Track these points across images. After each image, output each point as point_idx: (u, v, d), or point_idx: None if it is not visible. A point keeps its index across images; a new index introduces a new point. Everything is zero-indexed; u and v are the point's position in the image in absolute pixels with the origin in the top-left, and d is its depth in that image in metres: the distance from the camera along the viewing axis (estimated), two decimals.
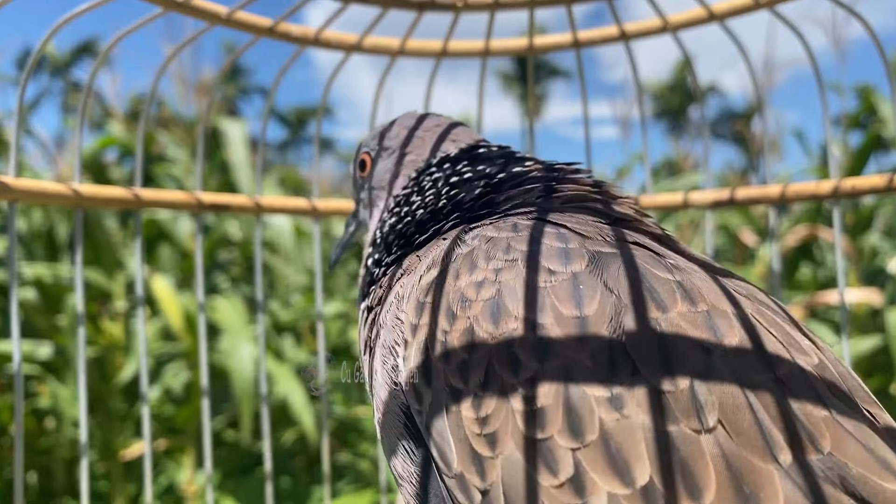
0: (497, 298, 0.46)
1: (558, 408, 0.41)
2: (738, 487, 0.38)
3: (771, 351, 0.43)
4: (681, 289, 0.45)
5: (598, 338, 0.42)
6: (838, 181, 0.87)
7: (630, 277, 0.45)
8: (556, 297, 0.45)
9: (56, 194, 0.82)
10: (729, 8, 0.89)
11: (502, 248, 0.50)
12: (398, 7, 0.89)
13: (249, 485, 2.31)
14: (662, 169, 5.75)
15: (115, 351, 2.52)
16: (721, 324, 0.43)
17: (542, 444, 0.41)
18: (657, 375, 0.41)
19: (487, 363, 0.44)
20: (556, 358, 0.42)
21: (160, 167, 3.04)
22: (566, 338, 0.43)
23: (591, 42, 1.00)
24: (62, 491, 2.39)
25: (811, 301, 2.54)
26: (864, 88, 3.20)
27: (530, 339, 0.43)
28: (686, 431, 0.39)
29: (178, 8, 0.80)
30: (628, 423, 0.40)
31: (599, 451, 0.40)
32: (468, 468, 0.44)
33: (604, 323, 0.43)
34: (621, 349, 0.42)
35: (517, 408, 0.42)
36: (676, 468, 0.38)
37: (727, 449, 0.39)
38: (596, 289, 0.45)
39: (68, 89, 12.55)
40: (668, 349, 0.42)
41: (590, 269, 0.47)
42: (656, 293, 0.45)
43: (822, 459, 0.39)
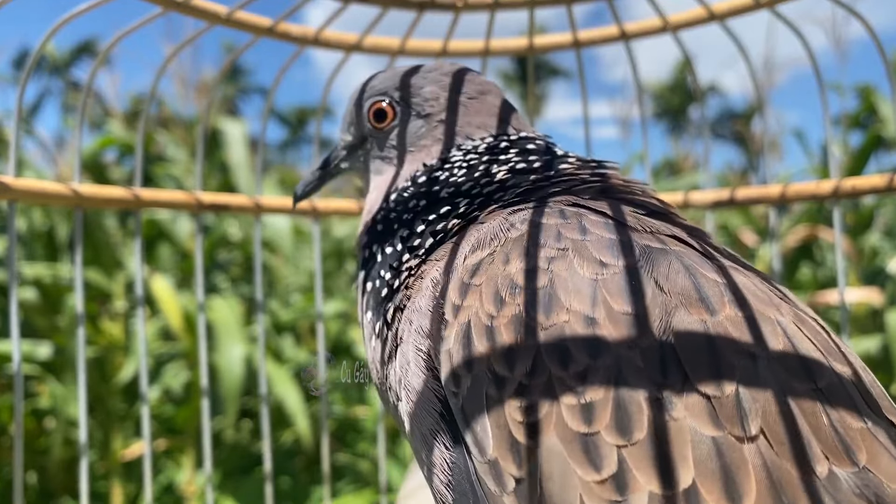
0: (549, 288, 0.46)
1: (607, 404, 0.41)
2: (777, 497, 0.38)
3: (812, 359, 0.43)
4: (729, 291, 0.45)
5: (649, 337, 0.42)
6: (838, 181, 0.87)
7: (681, 276, 0.45)
8: (608, 291, 0.45)
9: (56, 194, 0.82)
10: (729, 8, 0.89)
11: (553, 236, 0.49)
12: (398, 7, 0.89)
13: (249, 485, 2.31)
14: (662, 169, 5.75)
15: (115, 351, 2.52)
16: (767, 330, 0.43)
17: (588, 438, 0.41)
18: (705, 380, 0.41)
19: (536, 353, 0.44)
20: (608, 354, 0.42)
21: (160, 167, 3.04)
22: (618, 334, 0.43)
23: (591, 42, 1.00)
24: (61, 491, 2.39)
25: (811, 301, 2.54)
26: (864, 88, 3.20)
27: (582, 333, 0.43)
28: (730, 439, 0.39)
29: (178, 8, 0.80)
30: (676, 425, 0.40)
31: (645, 451, 0.40)
32: (504, 455, 0.43)
33: (655, 322, 0.43)
34: (671, 350, 0.42)
35: (565, 401, 0.42)
36: (719, 474, 0.39)
37: (768, 458, 0.39)
38: (648, 286, 0.45)
39: (68, 89, 12.55)
40: (716, 353, 0.42)
41: (641, 264, 0.46)
42: (705, 295, 0.45)
43: (857, 473, 0.39)
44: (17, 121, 0.81)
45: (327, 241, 3.38)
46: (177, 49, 0.95)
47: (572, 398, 0.42)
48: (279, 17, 0.91)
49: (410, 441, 0.55)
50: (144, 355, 0.92)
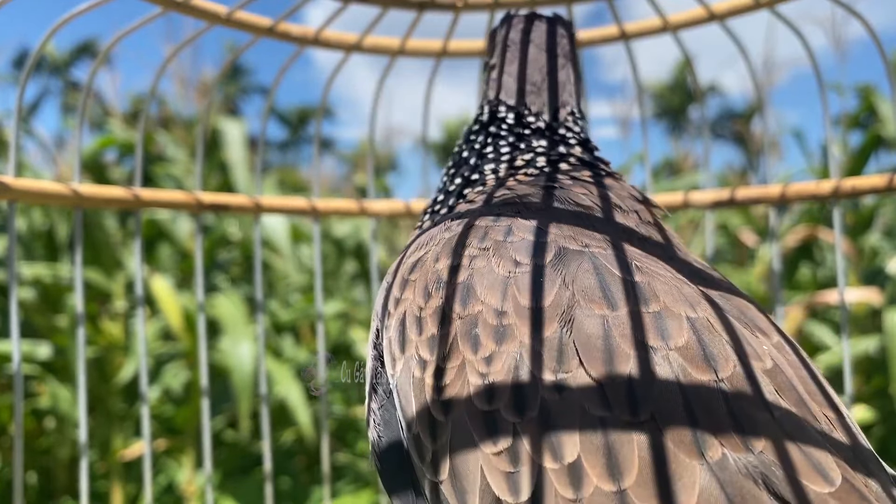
0: (467, 283, 0.52)
1: (507, 385, 0.46)
2: (659, 474, 0.40)
3: (716, 352, 0.45)
4: (636, 289, 0.49)
5: (551, 328, 0.47)
6: (838, 181, 0.87)
7: (588, 276, 0.50)
8: (517, 287, 0.50)
9: (55, 194, 0.82)
10: (729, 8, 0.89)
11: (479, 237, 0.56)
12: (398, 7, 0.89)
13: (249, 485, 2.31)
14: (662, 169, 5.75)
15: (115, 351, 2.52)
16: (671, 325, 0.46)
17: (489, 415, 0.46)
18: (598, 367, 0.44)
19: (452, 339, 0.50)
20: (512, 342, 0.48)
21: (160, 167, 3.04)
22: (523, 325, 0.48)
23: (590, 42, 1.00)
24: (62, 491, 2.39)
25: (811, 301, 2.54)
26: (864, 88, 3.20)
27: (492, 323, 0.49)
28: (618, 420, 0.42)
29: (178, 8, 0.80)
30: (566, 405, 0.44)
31: (537, 428, 0.44)
32: (423, 429, 0.49)
33: (557, 315, 0.48)
34: (570, 341, 0.46)
35: (472, 381, 0.47)
36: (603, 451, 0.42)
37: (656, 441, 0.41)
38: (554, 283, 0.50)
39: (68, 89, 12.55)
40: (611, 344, 0.45)
41: (553, 263, 0.51)
42: (609, 292, 0.49)
43: (750, 459, 0.40)
44: (16, 120, 0.81)
45: (327, 242, 3.38)
46: (177, 49, 0.95)
47: (479, 379, 0.47)
48: (279, 17, 0.91)
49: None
50: (144, 355, 0.92)
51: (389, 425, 0.55)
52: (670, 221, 3.68)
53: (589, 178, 0.67)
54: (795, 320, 2.47)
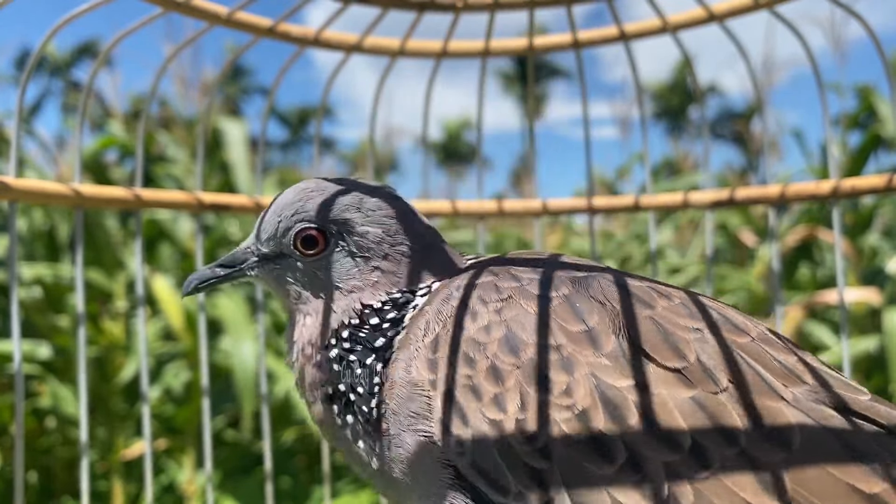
0: (508, 334, 0.52)
1: (597, 406, 0.48)
2: (760, 426, 0.47)
3: (739, 321, 0.54)
4: (655, 292, 0.54)
5: (609, 341, 0.50)
6: (838, 181, 0.87)
7: (613, 288, 0.54)
8: (560, 317, 0.52)
9: (56, 194, 0.82)
10: (728, 8, 0.89)
11: (493, 290, 0.55)
12: (398, 7, 0.89)
13: (249, 484, 2.31)
14: (662, 169, 5.76)
15: (116, 351, 2.52)
16: (697, 309, 0.53)
17: (593, 440, 0.47)
18: (668, 357, 0.49)
19: (520, 389, 0.50)
20: (580, 367, 0.49)
21: (160, 167, 3.04)
22: (583, 349, 0.50)
23: (590, 42, 1.00)
24: (62, 490, 2.39)
25: (810, 301, 2.54)
26: (863, 88, 3.20)
27: (554, 359, 0.50)
28: (707, 395, 0.47)
29: (178, 8, 0.81)
30: (659, 399, 0.47)
31: (643, 431, 0.47)
32: (527, 485, 0.49)
33: (608, 328, 0.51)
34: (631, 345, 0.50)
35: (561, 417, 0.48)
36: (710, 424, 0.46)
37: (738, 396, 0.48)
38: (590, 302, 0.53)
39: (68, 89, 12.55)
40: (668, 334, 0.50)
41: (576, 288, 0.54)
42: (639, 296, 0.53)
43: (808, 390, 0.50)
44: (17, 121, 0.81)
45: None
46: (177, 49, 0.95)
47: (567, 413, 0.48)
48: (279, 17, 0.91)
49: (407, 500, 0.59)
50: (145, 355, 0.92)
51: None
52: (670, 221, 3.68)
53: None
54: (795, 320, 2.47)
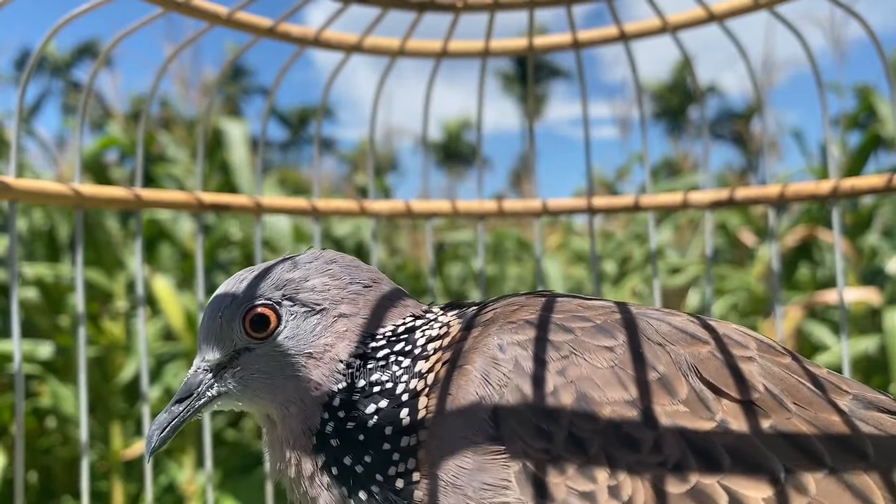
0: (580, 394, 0.49)
1: (688, 457, 0.47)
2: (836, 442, 0.48)
3: (775, 344, 0.55)
4: (694, 325, 0.54)
5: (680, 384, 0.49)
6: (837, 181, 0.87)
7: (663, 325, 0.53)
8: (627, 368, 0.49)
9: (57, 194, 0.82)
10: (728, 8, 0.89)
11: (548, 346, 0.51)
12: (398, 7, 0.89)
13: (249, 484, 2.31)
14: (662, 169, 5.76)
15: (116, 351, 2.53)
16: (740, 337, 0.54)
17: (691, 493, 0.46)
18: (739, 391, 0.49)
19: (606, 454, 0.47)
20: (661, 420, 0.48)
21: (161, 167, 3.04)
22: (660, 398, 0.48)
23: (590, 42, 1.00)
24: (63, 490, 2.39)
25: (810, 301, 2.54)
26: (863, 88, 3.20)
27: (632, 416, 0.48)
28: (783, 420, 0.48)
29: (179, 8, 0.81)
30: (741, 439, 0.47)
31: (738, 471, 0.46)
32: None
33: (676, 371, 0.49)
34: (701, 386, 0.49)
35: (653, 476, 0.47)
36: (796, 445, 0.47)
37: (808, 417, 0.49)
38: (651, 346, 0.51)
39: (69, 90, 12.56)
40: (731, 367, 0.50)
41: (630, 333, 0.52)
42: (688, 330, 0.53)
43: (852, 398, 0.52)
44: (17, 121, 0.81)
45: (327, 242, 3.38)
46: (177, 49, 0.96)
47: (661, 470, 0.47)
48: (279, 17, 0.91)
49: None
50: (145, 355, 0.92)
51: None
52: (670, 222, 3.68)
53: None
54: (795, 320, 2.47)
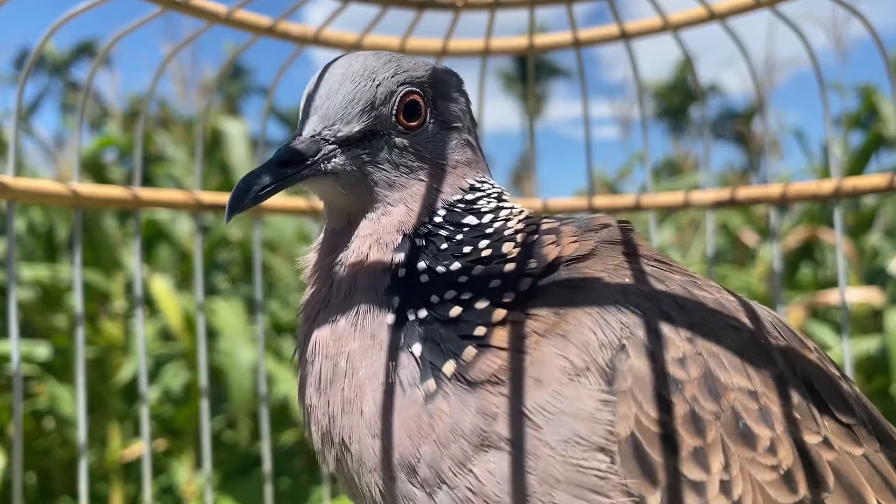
0: (708, 373, 0.44)
1: (799, 465, 0.43)
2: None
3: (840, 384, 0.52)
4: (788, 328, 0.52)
5: (795, 386, 0.46)
6: (839, 181, 0.87)
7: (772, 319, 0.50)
8: (753, 359, 0.45)
9: (55, 194, 0.82)
10: (729, 7, 0.89)
11: (676, 308, 0.46)
12: (398, 6, 0.88)
13: (248, 485, 2.31)
14: (663, 169, 5.75)
15: (114, 351, 2.52)
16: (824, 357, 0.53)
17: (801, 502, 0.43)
18: (840, 409, 0.46)
19: (723, 445, 0.43)
20: (778, 419, 0.44)
21: (159, 167, 3.04)
22: (775, 397, 0.44)
23: (591, 41, 1.00)
24: (61, 491, 2.39)
25: (812, 301, 2.54)
26: (865, 88, 3.20)
27: (753, 408, 0.43)
28: (872, 452, 0.46)
29: (177, 7, 0.80)
30: (844, 458, 0.45)
31: (840, 494, 0.44)
32: None
33: (790, 371, 0.46)
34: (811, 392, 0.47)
35: (765, 478, 0.43)
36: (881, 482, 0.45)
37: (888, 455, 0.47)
38: (770, 340, 0.47)
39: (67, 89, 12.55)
40: (831, 381, 0.47)
41: (752, 318, 0.48)
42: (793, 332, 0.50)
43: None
44: (15, 120, 0.81)
45: None
46: (176, 48, 0.95)
47: (772, 474, 0.43)
48: (279, 16, 0.90)
49: None
50: (144, 355, 0.91)
51: None
52: (671, 221, 3.68)
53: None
54: (796, 320, 2.47)
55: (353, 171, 0.54)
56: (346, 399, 0.49)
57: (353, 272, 0.52)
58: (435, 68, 0.57)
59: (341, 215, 0.57)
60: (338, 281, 0.53)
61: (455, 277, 0.50)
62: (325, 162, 0.53)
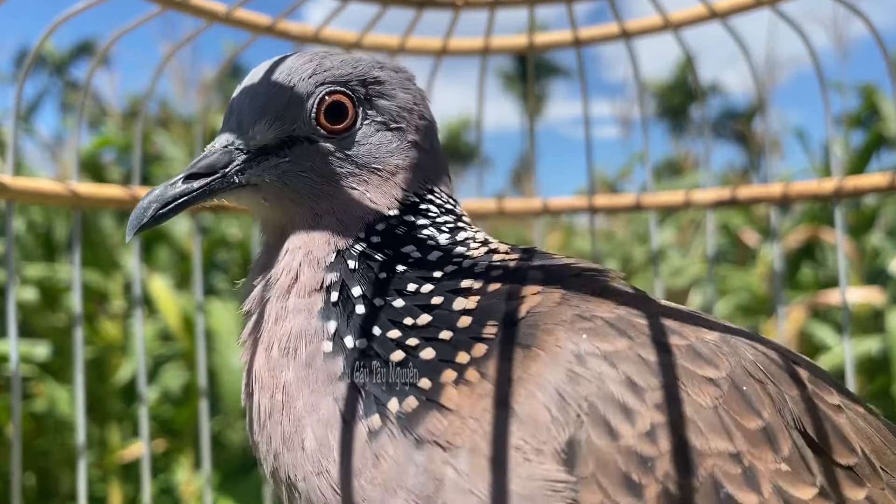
0: (681, 443, 0.40)
1: None
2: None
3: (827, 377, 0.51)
4: (787, 354, 0.50)
5: (785, 440, 0.42)
6: (840, 180, 0.87)
7: (761, 359, 0.45)
8: (731, 409, 0.41)
9: (53, 194, 0.81)
10: (730, 6, 0.88)
11: (641, 365, 0.42)
12: (398, 5, 0.88)
13: (248, 486, 2.30)
14: (664, 168, 5.76)
15: (113, 351, 2.52)
16: (823, 377, 0.50)
17: None
18: (839, 453, 0.44)
19: None
20: (765, 479, 0.40)
21: (158, 167, 3.03)
22: (763, 454, 0.41)
23: (591, 40, 0.99)
24: (60, 492, 2.38)
25: (813, 301, 2.53)
26: (865, 87, 3.19)
27: (736, 473, 0.40)
28: (878, 492, 0.44)
29: (177, 6, 0.80)
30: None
31: None
32: None
33: (780, 420, 0.42)
34: (805, 439, 0.43)
35: None
36: None
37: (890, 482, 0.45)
38: (754, 385, 0.43)
39: (66, 89, 12.55)
40: (830, 421, 0.44)
41: (733, 363, 0.43)
42: (787, 369, 0.46)
43: None
44: (14, 119, 0.80)
45: None
46: (175, 47, 0.95)
47: None
48: (278, 15, 0.90)
49: None
50: (143, 356, 0.91)
51: None
52: (672, 221, 3.68)
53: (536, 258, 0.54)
54: (797, 320, 2.47)
55: (272, 181, 0.51)
56: (285, 434, 0.46)
57: (284, 292, 0.49)
58: (369, 64, 0.53)
59: (273, 228, 0.55)
60: (268, 303, 0.50)
61: (397, 317, 0.46)
62: (238, 174, 0.51)
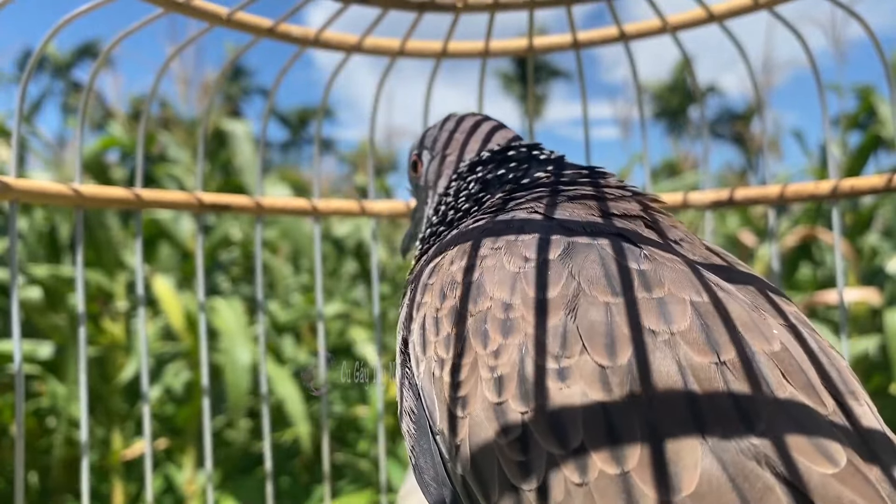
0: (479, 281, 0.54)
1: (514, 377, 0.47)
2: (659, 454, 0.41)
3: (719, 338, 0.45)
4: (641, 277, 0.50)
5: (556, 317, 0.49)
6: (837, 181, 0.88)
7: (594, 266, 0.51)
8: (526, 280, 0.52)
9: (57, 194, 0.82)
10: (728, 8, 0.89)
11: (491, 238, 0.57)
12: (398, 8, 0.89)
13: (249, 484, 2.31)
14: (662, 169, 5.76)
15: (116, 351, 2.53)
16: (674, 310, 0.47)
17: (499, 407, 0.48)
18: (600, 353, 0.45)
19: (465, 337, 0.52)
20: (517, 334, 0.49)
21: (161, 168, 3.04)
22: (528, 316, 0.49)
23: (590, 43, 1.00)
24: (63, 490, 2.39)
25: (810, 301, 2.54)
26: (863, 89, 3.20)
27: (500, 317, 0.50)
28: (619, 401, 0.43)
29: (179, 9, 0.81)
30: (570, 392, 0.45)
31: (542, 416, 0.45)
32: (447, 426, 0.51)
33: (562, 304, 0.49)
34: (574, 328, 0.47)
35: (483, 375, 0.49)
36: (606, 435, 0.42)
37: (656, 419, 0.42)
38: (561, 274, 0.51)
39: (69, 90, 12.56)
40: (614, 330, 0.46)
41: (560, 257, 0.52)
42: (614, 280, 0.50)
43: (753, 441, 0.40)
44: (17, 120, 0.81)
45: (327, 242, 3.38)
46: (177, 49, 0.96)
47: (489, 373, 0.49)
48: (280, 17, 0.91)
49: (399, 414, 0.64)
50: (145, 355, 0.92)
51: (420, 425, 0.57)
52: None
53: (586, 179, 0.68)
54: None
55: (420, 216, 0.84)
56: None
57: None
58: (430, 128, 0.83)
59: None
60: None
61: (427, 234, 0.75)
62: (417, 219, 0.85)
